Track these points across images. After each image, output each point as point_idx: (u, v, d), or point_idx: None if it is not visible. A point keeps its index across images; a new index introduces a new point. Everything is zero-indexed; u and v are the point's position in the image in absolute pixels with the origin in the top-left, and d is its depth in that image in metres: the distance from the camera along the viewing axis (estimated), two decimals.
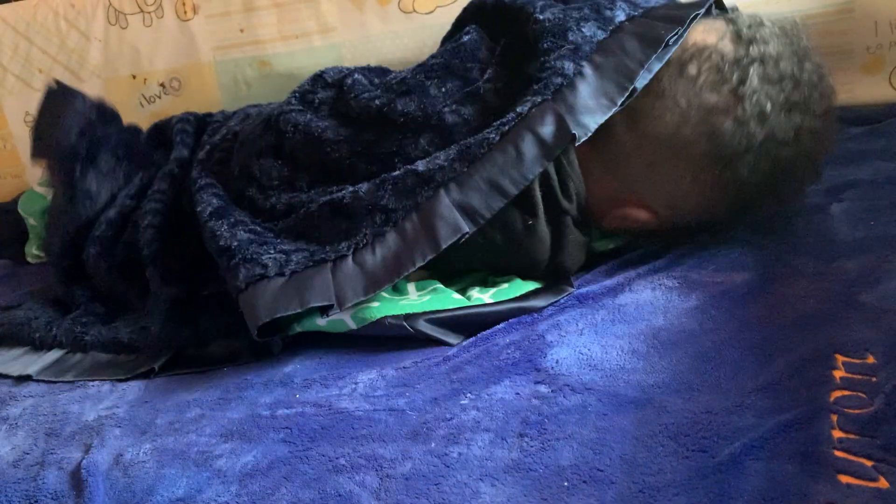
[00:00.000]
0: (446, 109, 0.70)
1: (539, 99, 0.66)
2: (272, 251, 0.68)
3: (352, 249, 0.66)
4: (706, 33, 0.68)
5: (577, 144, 0.64)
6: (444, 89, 0.72)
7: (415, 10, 1.09)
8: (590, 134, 0.64)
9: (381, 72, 0.83)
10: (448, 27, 1.08)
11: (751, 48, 0.66)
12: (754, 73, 0.65)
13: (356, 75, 0.78)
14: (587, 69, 0.66)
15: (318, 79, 0.81)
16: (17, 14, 1.27)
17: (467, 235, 0.64)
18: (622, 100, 0.65)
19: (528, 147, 0.64)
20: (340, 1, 1.12)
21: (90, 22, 1.24)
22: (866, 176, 0.75)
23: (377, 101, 0.73)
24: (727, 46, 0.66)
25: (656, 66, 0.66)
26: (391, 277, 0.64)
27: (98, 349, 0.75)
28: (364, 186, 0.68)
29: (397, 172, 0.68)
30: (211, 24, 1.18)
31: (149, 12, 1.21)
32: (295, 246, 0.69)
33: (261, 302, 0.64)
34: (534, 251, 0.69)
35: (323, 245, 0.68)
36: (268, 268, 0.66)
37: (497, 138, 0.65)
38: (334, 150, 0.73)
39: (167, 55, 1.21)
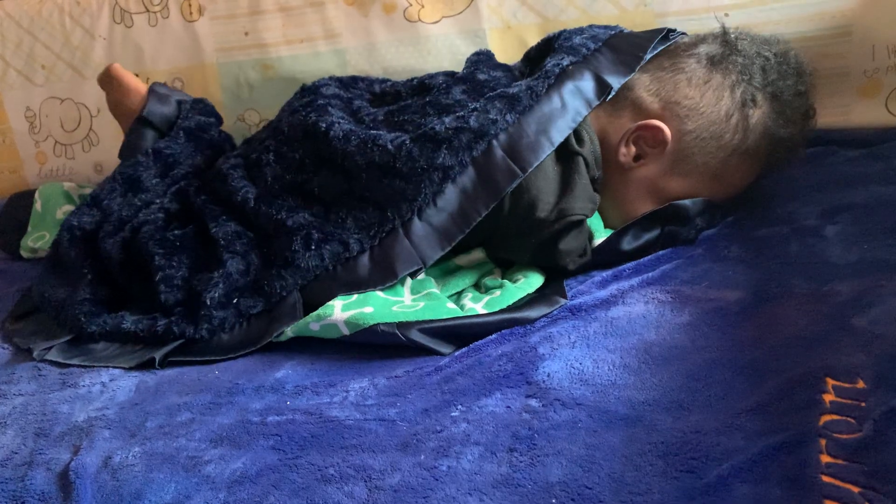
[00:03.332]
0: (477, 71, 0.82)
1: (573, 59, 0.77)
2: (339, 228, 0.74)
3: (415, 210, 0.71)
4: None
5: (608, 98, 0.76)
6: (474, 59, 0.87)
7: (420, 20, 1.09)
8: (616, 90, 0.76)
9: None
10: (453, 38, 1.09)
11: (730, 31, 0.82)
12: (731, 36, 0.80)
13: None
14: (604, 48, 0.80)
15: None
16: (21, 9, 1.27)
17: (521, 179, 0.71)
18: (638, 66, 0.78)
19: (571, 98, 0.75)
20: (346, 7, 1.12)
21: (95, 20, 1.24)
22: (861, 199, 0.75)
23: (415, 80, 0.87)
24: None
25: (661, 47, 0.80)
26: (461, 230, 0.72)
27: (104, 338, 0.75)
28: (406, 141, 0.72)
29: (444, 127, 0.72)
30: (216, 25, 1.18)
31: (154, 12, 1.21)
32: (355, 216, 0.74)
33: (352, 279, 0.71)
34: (540, 187, 0.72)
35: (383, 209, 0.72)
36: (349, 246, 0.72)
37: (544, 90, 0.74)
38: (368, 116, 0.81)
39: (171, 55, 1.21)
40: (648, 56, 0.79)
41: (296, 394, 0.61)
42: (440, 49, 1.09)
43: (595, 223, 0.77)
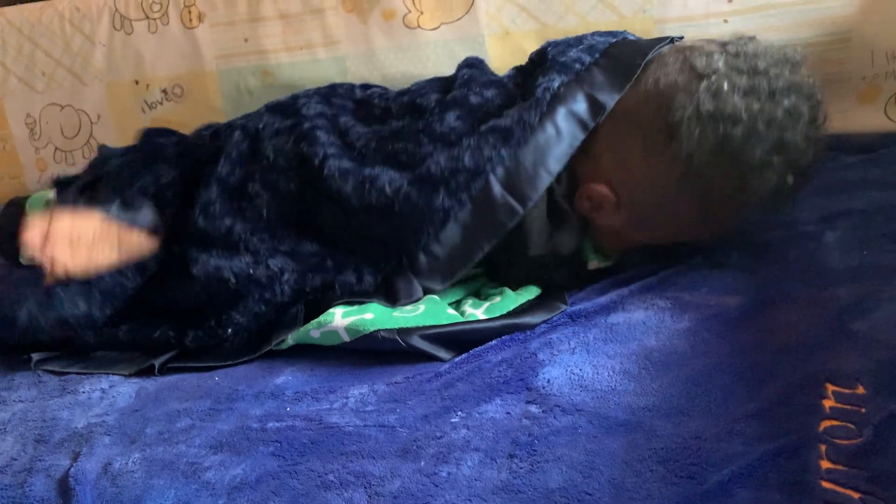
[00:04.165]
0: (470, 92, 0.78)
1: (565, 79, 0.73)
2: (346, 262, 0.73)
3: (419, 247, 0.71)
4: (702, 41, 0.73)
5: (601, 119, 0.71)
6: (466, 76, 0.82)
7: (419, 27, 1.09)
8: (609, 109, 0.71)
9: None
10: (452, 44, 1.09)
11: (730, 47, 0.69)
12: (721, 59, 0.67)
13: (374, 90, 0.87)
14: (601, 60, 0.75)
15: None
16: (22, 16, 1.27)
17: (522, 216, 0.69)
18: (635, 75, 0.71)
19: (565, 123, 0.71)
20: (346, 14, 1.13)
21: (95, 26, 1.24)
22: (860, 205, 0.75)
23: (406, 97, 0.81)
24: (710, 47, 0.70)
25: (664, 48, 0.74)
26: (465, 264, 0.71)
27: (102, 348, 0.75)
28: (404, 185, 0.70)
29: (440, 169, 0.70)
30: (216, 32, 1.18)
31: (154, 19, 1.21)
32: (359, 251, 0.73)
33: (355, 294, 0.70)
34: (532, 225, 0.72)
35: (388, 247, 0.72)
36: (362, 278, 0.72)
37: (537, 120, 0.71)
38: (359, 140, 0.77)
39: (171, 62, 1.21)
40: (647, 60, 0.72)
41: (295, 400, 0.61)
42: (439, 55, 1.09)
43: (586, 246, 0.77)
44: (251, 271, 0.71)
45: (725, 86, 0.65)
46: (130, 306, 0.78)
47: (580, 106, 0.71)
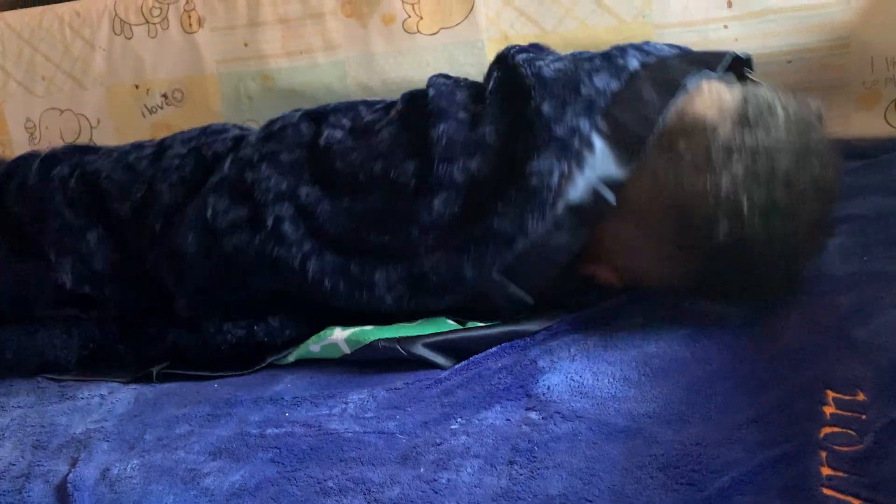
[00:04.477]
0: (453, 167, 0.67)
1: (565, 168, 0.64)
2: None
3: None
4: (710, 107, 0.64)
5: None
6: (443, 141, 0.68)
7: (419, 31, 1.10)
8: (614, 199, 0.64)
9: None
10: (452, 49, 1.09)
11: (747, 136, 0.61)
12: (741, 165, 0.60)
13: (328, 132, 0.74)
14: (602, 123, 0.65)
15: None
16: (22, 21, 1.28)
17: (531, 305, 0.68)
18: (641, 153, 0.64)
19: (568, 217, 0.64)
20: (345, 19, 1.13)
21: (95, 31, 1.24)
22: (860, 211, 0.75)
23: (377, 166, 0.69)
24: (725, 128, 0.62)
25: (674, 104, 0.64)
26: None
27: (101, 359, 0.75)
28: (406, 295, 0.67)
29: (440, 281, 0.66)
30: (215, 37, 1.18)
31: (154, 23, 1.21)
32: None
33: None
34: None
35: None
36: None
37: (538, 223, 0.64)
38: (328, 223, 0.69)
39: (171, 66, 1.22)
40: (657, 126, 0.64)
41: (295, 405, 0.61)
42: (439, 60, 1.09)
43: None
44: (255, 328, 0.71)
45: (745, 207, 0.59)
46: (126, 331, 0.77)
47: (583, 197, 0.64)
